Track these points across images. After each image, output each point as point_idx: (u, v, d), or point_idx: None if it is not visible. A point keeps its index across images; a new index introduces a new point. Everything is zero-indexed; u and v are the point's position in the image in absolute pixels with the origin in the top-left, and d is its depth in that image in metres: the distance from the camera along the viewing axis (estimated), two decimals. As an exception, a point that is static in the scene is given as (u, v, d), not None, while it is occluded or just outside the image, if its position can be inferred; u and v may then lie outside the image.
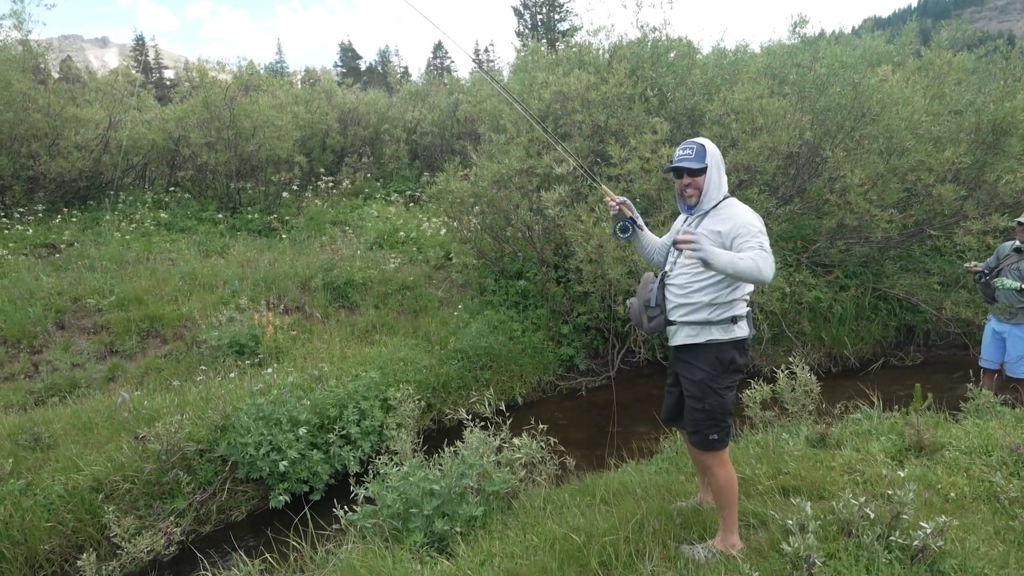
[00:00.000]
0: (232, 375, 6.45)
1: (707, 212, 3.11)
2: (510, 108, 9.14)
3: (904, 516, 3.23)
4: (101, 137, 10.86)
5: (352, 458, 5.58)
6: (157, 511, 4.92)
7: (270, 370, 6.41)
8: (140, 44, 49.42)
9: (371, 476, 4.12)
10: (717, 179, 3.09)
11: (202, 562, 3.92)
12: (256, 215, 11.22)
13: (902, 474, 3.54)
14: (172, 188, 11.83)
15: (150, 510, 4.92)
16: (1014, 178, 7.36)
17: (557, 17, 31.91)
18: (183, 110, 11.07)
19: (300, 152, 12.07)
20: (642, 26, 9.12)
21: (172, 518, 4.91)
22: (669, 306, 3.19)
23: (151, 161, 12.05)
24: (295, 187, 12.10)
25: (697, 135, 8.59)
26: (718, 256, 2.68)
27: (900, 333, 8.34)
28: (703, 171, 3.08)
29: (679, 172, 3.13)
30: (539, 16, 31.90)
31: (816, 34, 9.77)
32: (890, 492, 3.35)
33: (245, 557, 3.53)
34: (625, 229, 3.43)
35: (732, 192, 8.04)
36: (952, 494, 3.81)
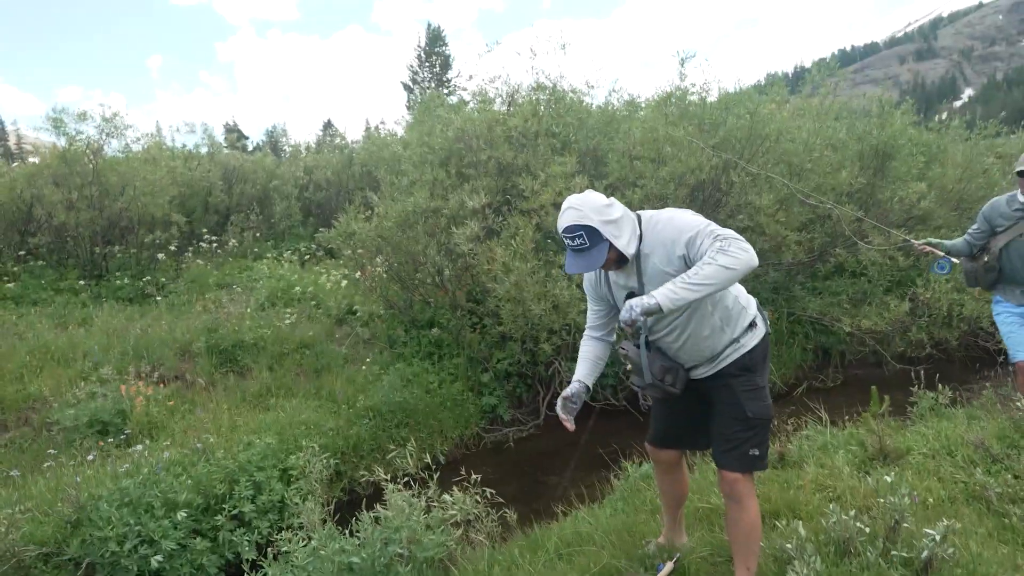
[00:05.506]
0: (91, 458, 5.31)
1: (642, 254, 2.56)
2: (408, 152, 8.70)
3: (905, 525, 2.85)
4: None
5: (247, 543, 4.62)
6: (-22, 642, 3.75)
7: (140, 447, 5.34)
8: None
9: (270, 560, 3.28)
10: (625, 230, 2.50)
11: None
12: (127, 280, 9.94)
13: (889, 478, 3.20)
14: (25, 256, 10.33)
15: (-32, 642, 3.74)
16: (907, 193, 7.78)
17: (446, 92, 32.56)
18: (35, 166, 9.78)
19: (179, 211, 10.96)
20: (538, 73, 9.02)
21: (-1, 649, 3.75)
22: (685, 363, 2.70)
23: (-5, 227, 10.50)
24: (173, 248, 10.91)
25: (602, 174, 8.53)
26: (671, 294, 2.27)
27: (818, 356, 8.38)
28: (609, 246, 2.47)
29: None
30: (428, 91, 32.50)
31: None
32: (882, 500, 2.98)
33: None
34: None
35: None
36: (930, 499, 3.52)
